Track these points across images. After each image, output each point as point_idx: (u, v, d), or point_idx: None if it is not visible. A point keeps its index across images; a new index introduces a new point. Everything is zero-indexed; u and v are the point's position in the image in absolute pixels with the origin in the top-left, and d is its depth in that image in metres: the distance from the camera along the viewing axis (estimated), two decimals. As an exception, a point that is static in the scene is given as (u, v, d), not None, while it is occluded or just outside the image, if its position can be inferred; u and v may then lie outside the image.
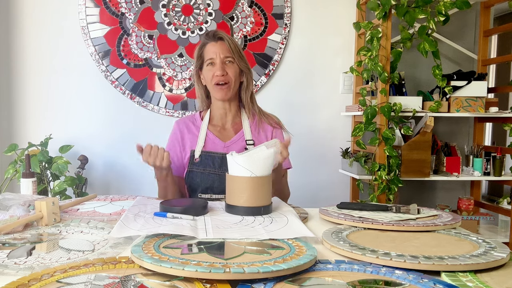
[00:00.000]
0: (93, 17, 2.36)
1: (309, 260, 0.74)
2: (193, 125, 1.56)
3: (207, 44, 1.49)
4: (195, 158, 1.46)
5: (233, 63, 1.48)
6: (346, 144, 2.50)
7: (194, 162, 1.46)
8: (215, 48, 1.46)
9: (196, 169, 1.46)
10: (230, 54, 1.47)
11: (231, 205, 1.09)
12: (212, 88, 1.49)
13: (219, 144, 1.50)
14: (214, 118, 1.56)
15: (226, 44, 1.47)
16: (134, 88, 2.41)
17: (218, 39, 1.47)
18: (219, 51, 1.46)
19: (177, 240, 0.86)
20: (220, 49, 1.46)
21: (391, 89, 2.30)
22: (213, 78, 1.46)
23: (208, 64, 1.48)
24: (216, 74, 1.45)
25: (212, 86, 1.48)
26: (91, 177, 2.41)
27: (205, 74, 1.50)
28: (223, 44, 1.47)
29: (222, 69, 1.45)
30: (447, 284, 0.67)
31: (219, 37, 1.48)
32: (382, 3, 2.09)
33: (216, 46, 1.47)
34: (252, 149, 1.13)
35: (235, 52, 1.48)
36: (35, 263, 0.76)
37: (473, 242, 0.88)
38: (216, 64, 1.46)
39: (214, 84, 1.47)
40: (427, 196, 2.67)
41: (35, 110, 2.40)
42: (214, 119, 1.56)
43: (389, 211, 1.12)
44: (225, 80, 1.46)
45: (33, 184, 1.44)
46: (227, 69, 1.46)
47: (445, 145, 2.43)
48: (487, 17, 2.49)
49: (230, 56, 1.47)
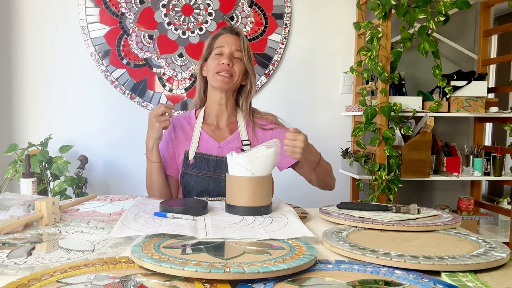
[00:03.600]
0: (93, 17, 2.36)
1: (309, 260, 0.74)
2: (187, 124, 1.51)
3: (221, 35, 1.46)
4: (189, 160, 1.42)
5: (241, 61, 1.44)
6: (346, 144, 2.50)
7: (188, 163, 1.42)
8: (228, 38, 1.44)
9: (190, 171, 1.42)
10: (241, 50, 1.44)
11: (231, 205, 1.09)
12: (212, 76, 1.43)
13: (214, 144, 1.45)
14: (209, 116, 1.50)
15: (240, 40, 1.44)
16: (134, 88, 2.41)
17: (234, 33, 1.45)
18: (232, 43, 1.43)
19: (177, 240, 0.86)
20: (233, 41, 1.43)
21: (391, 89, 2.30)
22: (217, 66, 1.41)
23: (216, 54, 1.43)
24: (222, 62, 1.40)
25: (213, 74, 1.42)
26: (91, 177, 2.41)
27: (209, 63, 1.45)
28: (237, 39, 1.44)
29: (230, 60, 1.41)
30: (447, 284, 0.67)
31: (236, 32, 1.46)
32: (382, 3, 2.09)
33: (231, 38, 1.44)
34: (252, 149, 1.13)
35: (245, 51, 1.45)
36: (35, 263, 0.76)
37: (473, 242, 0.88)
38: (225, 54, 1.42)
39: (216, 72, 1.42)
40: (427, 196, 2.67)
41: (35, 110, 2.40)
42: (209, 118, 1.50)
43: (389, 211, 1.12)
44: (229, 71, 1.41)
45: (33, 184, 1.44)
46: (234, 63, 1.43)
47: (445, 145, 2.43)
48: (487, 17, 2.49)
49: (240, 51, 1.43)
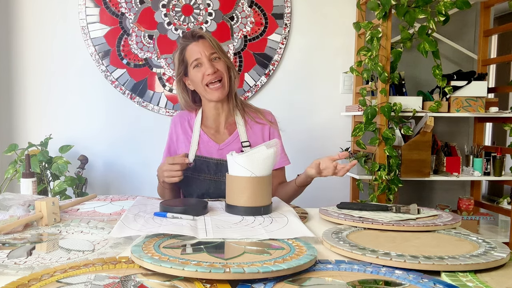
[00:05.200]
0: (93, 17, 2.36)
1: (309, 260, 0.74)
2: (188, 125, 1.51)
3: (188, 46, 1.42)
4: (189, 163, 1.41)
5: (220, 59, 1.42)
6: (346, 144, 2.50)
7: (188, 166, 1.40)
8: (198, 47, 1.40)
9: (191, 174, 1.42)
10: (215, 50, 1.41)
11: (231, 205, 1.09)
12: (204, 90, 1.41)
13: (214, 146, 1.45)
14: (207, 119, 1.50)
15: (208, 41, 1.41)
16: (134, 88, 2.41)
17: (198, 38, 1.41)
18: (203, 49, 1.39)
19: (177, 240, 0.86)
20: (204, 47, 1.39)
21: (391, 89, 2.30)
22: (204, 79, 1.39)
23: (194, 66, 1.41)
24: (207, 73, 1.38)
25: (204, 88, 1.41)
26: (91, 177, 2.41)
27: (193, 77, 1.42)
28: (205, 42, 1.41)
29: (212, 67, 1.39)
30: (447, 284, 0.67)
31: (199, 36, 1.41)
32: (382, 3, 2.09)
33: (199, 45, 1.40)
34: (252, 149, 1.13)
35: (218, 49, 1.42)
36: (35, 263, 0.76)
37: (473, 242, 0.88)
38: (204, 63, 1.39)
39: (206, 85, 1.40)
40: (427, 196, 2.67)
41: (35, 110, 2.40)
42: (207, 120, 1.50)
43: (389, 211, 1.12)
44: (217, 76, 1.40)
45: (33, 184, 1.44)
46: (217, 66, 1.40)
47: (445, 145, 2.43)
48: (487, 17, 2.49)
49: (215, 52, 1.41)
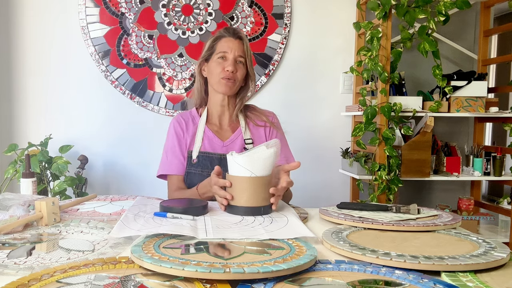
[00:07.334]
0: (93, 17, 2.36)
1: (309, 260, 0.74)
2: (192, 123, 1.53)
3: (223, 38, 1.47)
4: (192, 159, 1.44)
5: (244, 65, 1.47)
6: (346, 144, 2.50)
7: (192, 163, 1.44)
8: (232, 43, 1.45)
9: (194, 171, 1.44)
10: (244, 55, 1.46)
11: (231, 205, 1.09)
12: (217, 81, 1.45)
13: (218, 143, 1.48)
14: (212, 116, 1.53)
15: (243, 45, 1.46)
16: (134, 88, 2.41)
17: (237, 37, 1.46)
18: (235, 48, 1.44)
19: (177, 240, 0.86)
20: (237, 46, 1.45)
21: (391, 89, 2.30)
22: (221, 72, 1.44)
23: (219, 57, 1.45)
24: (227, 69, 1.43)
25: (217, 80, 1.45)
26: (91, 177, 2.41)
27: (212, 67, 1.46)
28: (241, 43, 1.46)
29: (233, 66, 1.44)
30: (447, 284, 0.67)
31: (239, 36, 1.47)
32: (382, 3, 2.09)
33: (234, 42, 1.45)
34: (252, 149, 1.13)
35: (248, 56, 1.47)
36: (35, 263, 0.76)
37: (473, 242, 0.88)
38: (229, 60, 1.44)
39: (221, 78, 1.44)
40: (427, 196, 2.67)
41: (35, 110, 2.40)
42: (212, 118, 1.53)
43: (389, 211, 1.12)
44: (233, 77, 1.45)
45: (33, 184, 1.44)
46: (237, 68, 1.45)
47: (445, 145, 2.43)
48: (487, 17, 2.49)
49: (243, 57, 1.46)
